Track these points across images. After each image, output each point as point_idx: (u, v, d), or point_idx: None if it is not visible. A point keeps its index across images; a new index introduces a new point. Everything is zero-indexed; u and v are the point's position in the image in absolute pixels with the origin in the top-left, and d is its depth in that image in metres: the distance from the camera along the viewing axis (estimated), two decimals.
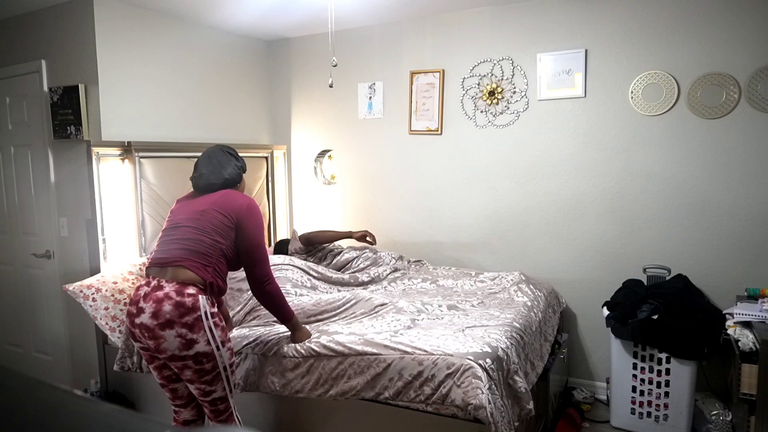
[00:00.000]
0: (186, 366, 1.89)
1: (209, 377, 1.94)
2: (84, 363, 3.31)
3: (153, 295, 1.88)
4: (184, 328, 1.85)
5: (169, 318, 1.84)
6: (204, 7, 3.31)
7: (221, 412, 2.04)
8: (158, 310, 1.85)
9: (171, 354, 1.87)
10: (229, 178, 2.15)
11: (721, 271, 2.94)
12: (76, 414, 0.44)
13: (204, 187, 2.13)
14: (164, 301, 1.85)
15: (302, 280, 2.97)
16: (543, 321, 2.80)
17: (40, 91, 3.26)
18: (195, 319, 1.86)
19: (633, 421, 2.81)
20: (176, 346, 1.85)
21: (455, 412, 1.98)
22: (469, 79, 3.52)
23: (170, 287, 1.89)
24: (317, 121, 4.14)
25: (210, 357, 1.91)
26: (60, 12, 3.13)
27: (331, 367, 2.19)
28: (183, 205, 2.13)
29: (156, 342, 1.86)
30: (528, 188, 3.41)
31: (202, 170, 2.14)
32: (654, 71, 2.99)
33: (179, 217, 2.07)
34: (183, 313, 1.85)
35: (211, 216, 2.02)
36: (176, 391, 2.08)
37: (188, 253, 1.95)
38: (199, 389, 1.97)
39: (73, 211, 3.22)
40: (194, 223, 2.01)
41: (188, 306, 1.86)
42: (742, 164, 2.85)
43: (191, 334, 1.86)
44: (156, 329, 1.84)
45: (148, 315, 1.85)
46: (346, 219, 4.08)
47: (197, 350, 1.87)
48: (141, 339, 1.91)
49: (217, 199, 2.07)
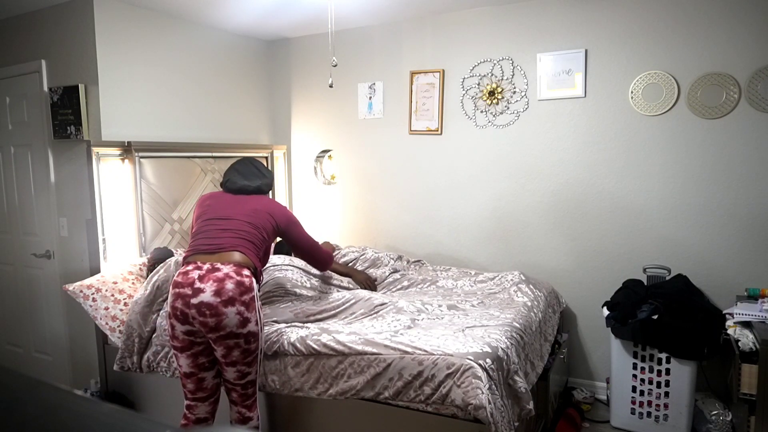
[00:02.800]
0: (237, 345, 2.01)
1: (250, 358, 2.07)
2: (84, 363, 3.31)
3: (211, 275, 2.00)
4: (242, 306, 1.99)
5: (231, 295, 1.97)
6: (204, 7, 3.31)
7: (249, 396, 2.14)
8: (221, 288, 1.97)
9: (229, 331, 1.97)
10: (262, 186, 2.40)
11: (721, 271, 2.94)
12: (76, 414, 0.44)
13: (238, 190, 2.35)
14: (226, 280, 1.99)
15: (302, 280, 2.97)
16: (543, 321, 2.80)
17: (40, 91, 3.26)
18: (251, 298, 2.03)
19: (633, 421, 2.81)
20: (235, 323, 1.97)
21: (455, 412, 1.98)
22: (469, 79, 3.52)
23: (228, 268, 2.03)
24: (317, 121, 4.14)
25: (256, 337, 2.06)
26: (60, 12, 3.13)
27: (331, 366, 2.19)
28: (229, 201, 2.30)
29: (218, 319, 1.95)
30: (528, 188, 3.41)
31: (236, 177, 2.37)
32: (654, 71, 2.99)
33: (229, 211, 2.24)
34: (242, 292, 2.00)
35: (263, 216, 2.26)
36: (203, 382, 2.12)
37: (243, 241, 2.15)
38: (239, 372, 2.07)
39: (73, 211, 3.22)
40: (248, 218, 2.22)
41: (247, 285, 2.02)
42: (742, 164, 2.85)
43: (247, 313, 2.00)
44: (219, 306, 1.95)
45: (210, 293, 1.96)
46: (346, 219, 4.08)
47: (249, 329, 2.02)
48: (196, 319, 1.97)
49: (265, 204, 2.33)
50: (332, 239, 4.11)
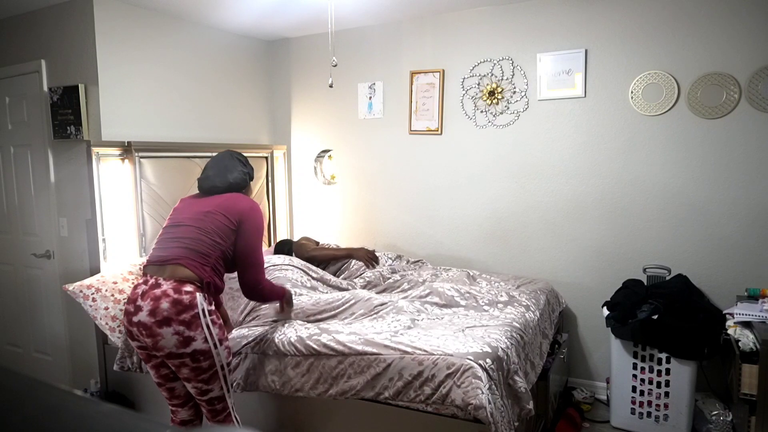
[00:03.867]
0: (183, 364, 1.90)
1: (206, 376, 1.95)
2: (84, 363, 3.31)
3: (150, 293, 1.89)
4: (181, 325, 1.86)
5: (166, 315, 1.85)
6: (204, 7, 3.31)
7: (218, 412, 2.04)
8: (156, 307, 1.86)
9: (168, 351, 1.88)
10: (233, 182, 2.19)
11: (721, 271, 2.94)
12: (76, 414, 0.44)
13: (208, 189, 2.19)
14: (162, 299, 1.87)
15: (302, 280, 2.97)
16: (542, 321, 2.80)
17: (40, 91, 3.26)
18: (192, 316, 1.88)
19: (633, 421, 2.81)
20: (174, 344, 1.86)
21: (455, 412, 1.97)
22: (469, 79, 3.52)
23: (168, 285, 1.90)
24: (317, 121, 4.14)
25: (207, 355, 1.92)
26: (60, 12, 3.13)
27: (331, 366, 2.19)
28: (187, 205, 2.16)
29: (153, 339, 1.86)
30: (528, 188, 3.41)
31: (209, 172, 2.21)
32: (654, 71, 2.99)
33: (181, 216, 2.10)
34: (180, 311, 1.86)
35: (215, 218, 2.05)
36: (173, 390, 2.08)
37: (187, 251, 1.98)
38: (196, 388, 1.97)
39: (73, 211, 3.22)
40: (196, 223, 2.04)
41: (185, 303, 1.88)
42: (743, 164, 2.85)
43: (189, 332, 1.87)
44: (153, 327, 1.85)
45: (146, 313, 1.86)
46: (346, 219, 4.08)
47: (194, 348, 1.88)
48: (139, 337, 1.92)
49: (222, 202, 2.11)
50: (332, 239, 4.11)
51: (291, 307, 2.43)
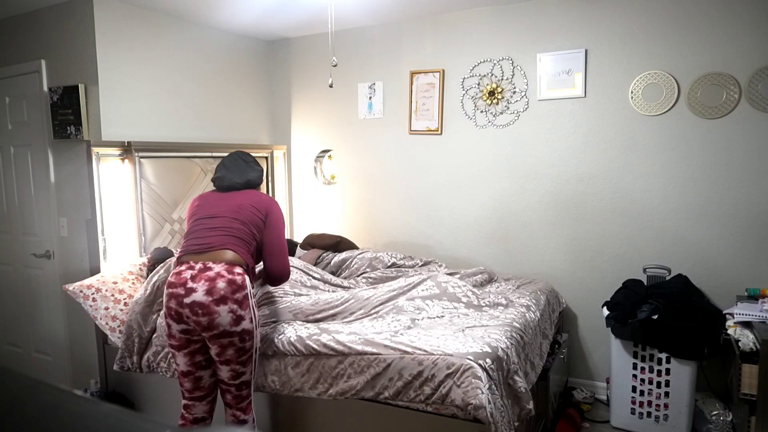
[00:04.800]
0: (231, 343, 2.00)
1: (245, 357, 2.05)
2: (84, 363, 3.31)
3: (203, 275, 2.00)
4: (235, 304, 1.99)
5: (223, 294, 1.97)
6: (204, 7, 3.31)
7: (243, 398, 2.12)
8: (212, 287, 1.97)
9: (222, 330, 1.97)
10: (251, 180, 2.35)
11: (721, 271, 2.94)
12: (76, 414, 0.44)
13: (227, 187, 2.32)
14: (217, 279, 1.99)
15: (302, 279, 2.97)
16: (542, 321, 2.80)
17: (40, 91, 3.26)
18: (244, 296, 2.02)
19: (633, 421, 2.81)
20: (228, 321, 1.97)
21: (455, 412, 1.98)
22: (469, 79, 3.52)
23: (219, 267, 2.03)
24: (317, 121, 4.14)
25: (251, 335, 2.04)
26: (60, 12, 3.13)
27: (331, 366, 2.19)
28: (216, 200, 2.28)
29: (210, 318, 1.96)
30: (528, 188, 3.41)
31: (226, 172, 2.34)
32: (654, 71, 2.99)
33: (215, 210, 2.22)
34: (235, 290, 2.00)
35: (249, 211, 2.22)
36: (200, 380, 2.13)
37: (232, 239, 2.13)
38: (233, 371, 2.06)
39: (73, 211, 3.22)
40: (234, 215, 2.19)
41: (239, 283, 2.02)
42: (743, 164, 2.85)
43: (240, 311, 2.00)
44: (211, 305, 1.96)
45: (202, 292, 1.97)
46: (346, 219, 4.08)
47: (243, 327, 2.01)
48: (190, 319, 1.98)
49: (250, 197, 2.28)
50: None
51: None
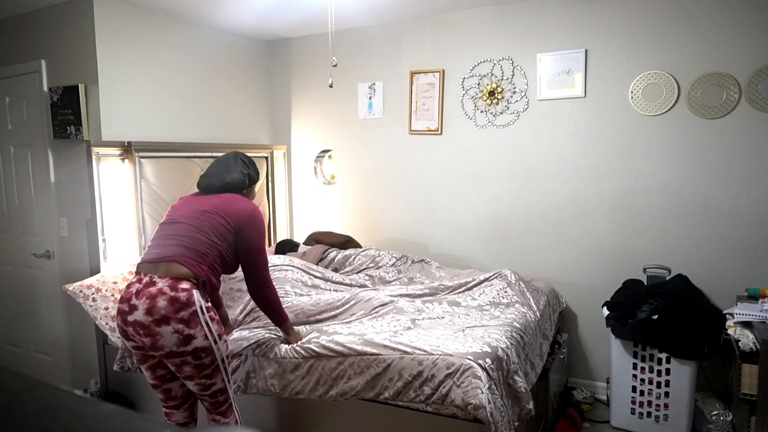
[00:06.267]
0: (185, 362, 1.87)
1: (209, 371, 1.93)
2: (84, 363, 3.31)
3: (145, 291, 1.85)
4: (180, 323, 1.82)
5: (164, 314, 1.81)
6: (204, 7, 3.31)
7: (221, 403, 2.03)
8: (152, 306, 1.81)
9: (169, 351, 1.84)
10: (230, 182, 2.16)
11: (721, 271, 2.94)
12: (76, 414, 0.44)
13: (204, 188, 2.18)
14: (158, 297, 1.82)
15: (303, 279, 2.97)
16: (543, 321, 2.80)
17: (40, 91, 3.26)
18: (191, 314, 1.84)
19: (633, 421, 2.81)
20: (174, 342, 1.82)
21: (455, 412, 1.97)
22: (469, 79, 3.52)
23: (163, 283, 1.85)
24: (317, 121, 4.14)
25: (208, 351, 1.89)
26: (60, 12, 3.13)
27: (331, 367, 2.19)
28: (184, 203, 2.14)
29: (152, 339, 1.82)
30: (528, 188, 3.41)
31: (209, 171, 2.20)
32: (654, 71, 2.99)
33: (178, 214, 2.08)
34: (178, 309, 1.82)
35: (212, 217, 2.03)
36: (170, 392, 2.05)
37: (183, 249, 1.94)
38: (199, 384, 1.95)
39: (73, 211, 3.22)
40: (193, 222, 2.01)
41: (183, 301, 1.84)
42: (743, 164, 2.85)
43: (188, 330, 1.83)
44: (152, 326, 1.81)
45: (142, 312, 1.82)
46: (346, 219, 4.08)
47: (195, 345, 1.85)
48: (135, 337, 1.87)
49: (221, 203, 2.08)
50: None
51: (292, 335, 2.34)
